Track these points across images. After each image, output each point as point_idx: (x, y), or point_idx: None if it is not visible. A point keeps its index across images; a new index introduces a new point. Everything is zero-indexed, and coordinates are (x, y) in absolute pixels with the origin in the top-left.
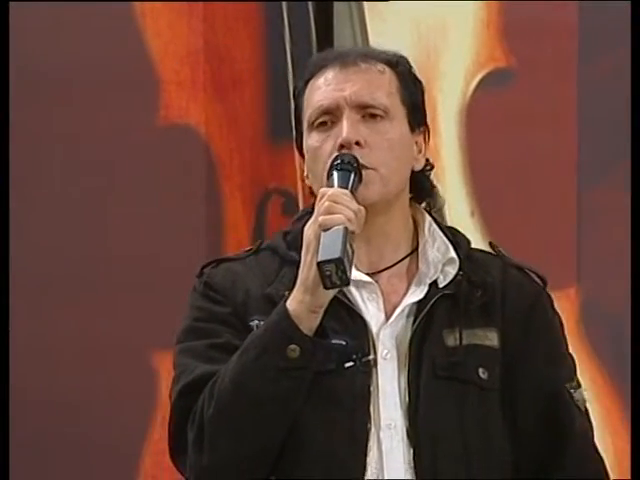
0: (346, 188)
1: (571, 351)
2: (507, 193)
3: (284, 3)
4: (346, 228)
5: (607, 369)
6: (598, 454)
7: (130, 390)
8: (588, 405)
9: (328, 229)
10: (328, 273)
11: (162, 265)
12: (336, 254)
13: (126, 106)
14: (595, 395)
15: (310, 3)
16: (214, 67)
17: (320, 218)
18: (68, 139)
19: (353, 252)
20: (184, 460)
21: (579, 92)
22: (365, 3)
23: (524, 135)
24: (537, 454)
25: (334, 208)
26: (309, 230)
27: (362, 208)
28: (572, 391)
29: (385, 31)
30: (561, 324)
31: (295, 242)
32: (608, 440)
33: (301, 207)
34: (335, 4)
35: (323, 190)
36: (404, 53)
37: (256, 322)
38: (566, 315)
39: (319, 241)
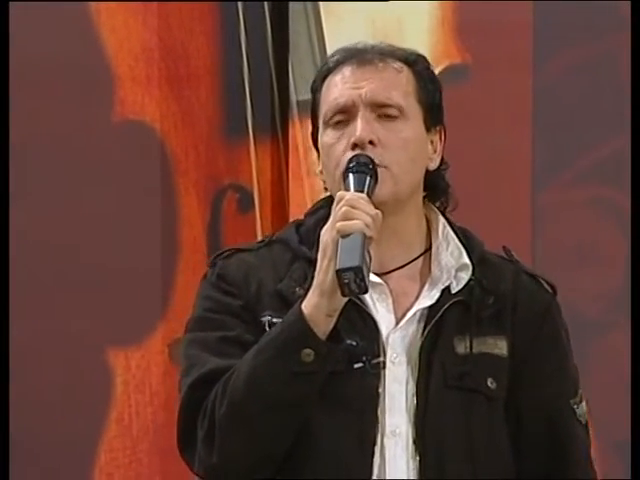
0: (362, 191)
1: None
2: (461, 190)
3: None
4: (364, 235)
5: None
6: (592, 469)
7: (85, 387)
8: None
9: (346, 235)
10: (347, 281)
11: (117, 262)
12: (355, 262)
13: (81, 102)
14: None
15: (265, 2)
16: (169, 64)
17: (338, 224)
18: (23, 134)
19: (371, 259)
20: (193, 454)
21: (534, 90)
22: (320, 2)
23: (479, 132)
24: (537, 468)
25: (352, 214)
26: (326, 235)
27: (379, 212)
28: (575, 407)
29: (340, 29)
30: (567, 334)
31: (307, 236)
32: None
33: (257, 203)
34: (290, 3)
35: (341, 194)
36: None
37: (268, 318)
38: None
39: (337, 247)
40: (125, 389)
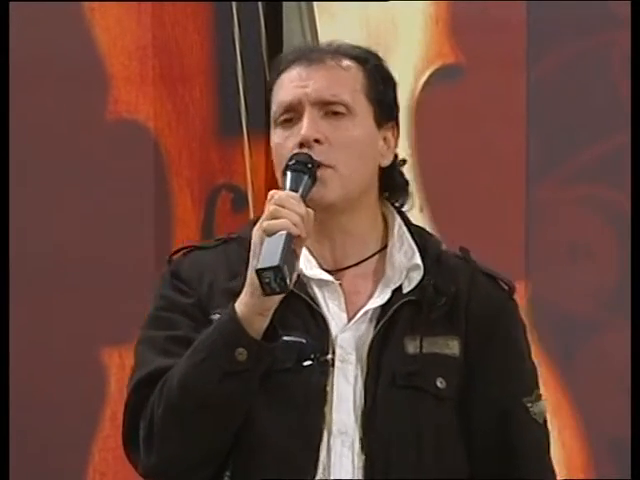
0: (296, 190)
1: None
2: (456, 188)
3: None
4: (289, 234)
5: (556, 364)
6: (549, 468)
7: (80, 386)
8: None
9: (272, 234)
10: (267, 280)
11: (111, 261)
12: (275, 262)
13: (75, 101)
14: (543, 390)
15: (260, 1)
16: (163, 62)
17: (264, 223)
18: (17, 133)
19: (297, 257)
20: (137, 455)
21: (528, 88)
22: (314, 1)
23: (473, 131)
24: (489, 468)
25: (279, 212)
26: (255, 234)
27: (311, 211)
28: (529, 405)
29: (334, 28)
30: (525, 333)
31: None
32: (556, 435)
33: (251, 203)
34: (284, 2)
35: (272, 193)
36: None
37: (217, 316)
38: None
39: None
40: (119, 387)
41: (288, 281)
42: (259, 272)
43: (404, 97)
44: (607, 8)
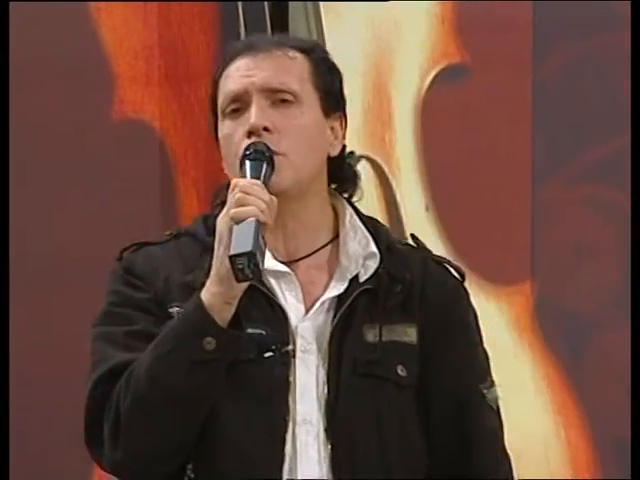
0: (258, 178)
1: (486, 346)
2: (462, 188)
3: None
4: (258, 220)
5: (562, 364)
6: (504, 453)
7: (79, 386)
8: (500, 402)
9: (240, 221)
10: (240, 266)
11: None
12: (248, 247)
13: (80, 101)
14: (549, 389)
15: (266, 1)
16: (169, 62)
17: (232, 211)
18: (22, 133)
19: (265, 244)
20: (100, 451)
21: (533, 88)
22: (320, 1)
23: (478, 131)
24: (446, 456)
25: (246, 200)
26: (221, 222)
27: (274, 198)
28: (485, 392)
29: (341, 28)
30: (476, 319)
31: (215, 228)
32: (562, 434)
33: None
34: (290, 2)
35: (235, 181)
36: (359, 49)
37: (176, 309)
38: (520, 309)
39: (231, 234)
40: None
41: (261, 266)
42: (232, 258)
43: (410, 97)
44: (613, 9)
